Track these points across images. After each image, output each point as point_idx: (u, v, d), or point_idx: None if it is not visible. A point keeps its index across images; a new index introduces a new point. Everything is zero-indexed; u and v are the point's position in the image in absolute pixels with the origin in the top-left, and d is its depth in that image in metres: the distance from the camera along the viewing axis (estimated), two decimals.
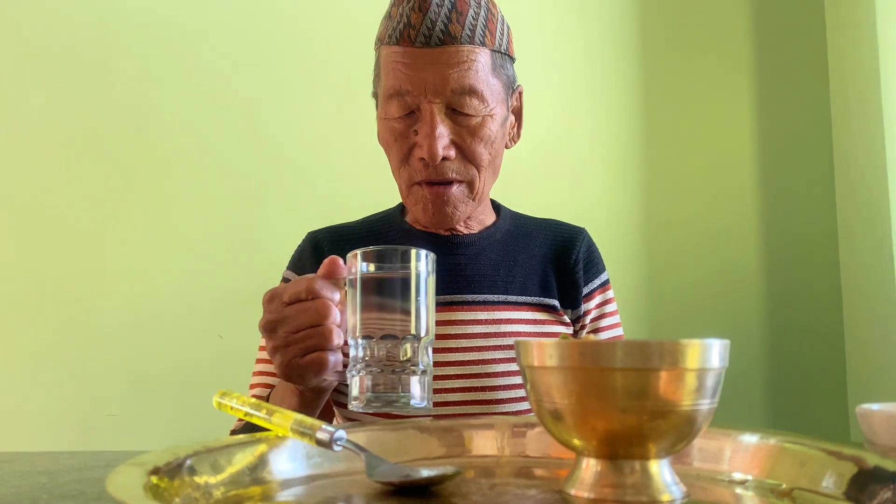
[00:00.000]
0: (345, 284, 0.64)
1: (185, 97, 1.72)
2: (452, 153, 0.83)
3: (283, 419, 0.53)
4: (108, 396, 1.63)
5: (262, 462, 0.51)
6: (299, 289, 0.64)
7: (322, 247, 0.94)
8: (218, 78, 1.73)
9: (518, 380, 0.89)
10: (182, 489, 0.44)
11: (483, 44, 0.82)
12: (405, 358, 0.60)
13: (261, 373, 0.92)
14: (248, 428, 0.72)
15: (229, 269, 1.68)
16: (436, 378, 0.86)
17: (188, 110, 1.72)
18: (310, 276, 0.66)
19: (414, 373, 0.60)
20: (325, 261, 0.65)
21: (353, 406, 0.61)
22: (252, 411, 0.56)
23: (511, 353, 0.89)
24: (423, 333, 0.61)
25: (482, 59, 0.82)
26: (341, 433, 0.50)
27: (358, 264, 0.61)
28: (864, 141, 1.68)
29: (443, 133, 0.81)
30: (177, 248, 1.68)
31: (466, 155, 0.84)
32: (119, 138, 1.70)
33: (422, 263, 0.61)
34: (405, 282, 0.60)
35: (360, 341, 0.60)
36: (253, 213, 1.71)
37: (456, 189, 0.85)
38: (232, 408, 0.58)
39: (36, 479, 0.57)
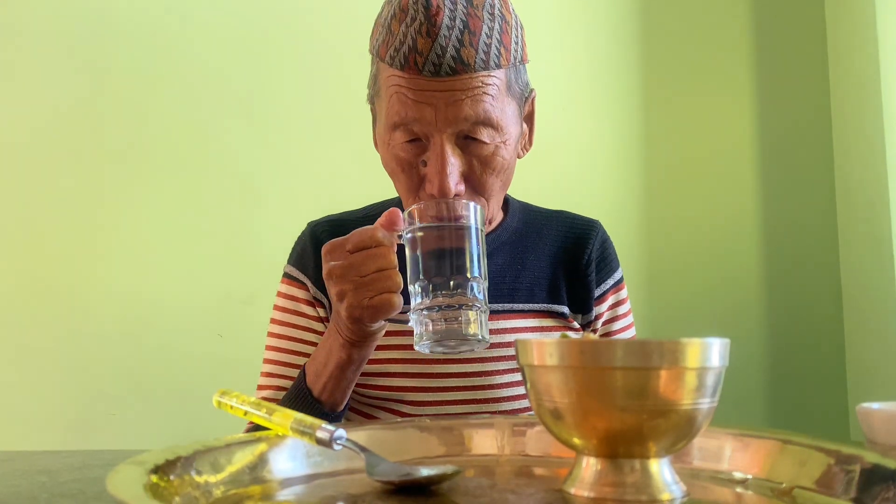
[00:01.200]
0: (399, 237, 0.70)
1: (183, 96, 1.72)
2: (462, 188, 0.78)
3: (283, 418, 0.53)
4: (108, 395, 1.63)
5: (262, 461, 0.51)
6: (363, 237, 0.69)
7: (322, 239, 0.90)
8: (215, 76, 1.73)
9: (521, 390, 0.87)
10: (182, 488, 0.44)
11: (498, 66, 0.76)
12: (471, 296, 0.67)
13: (270, 374, 0.90)
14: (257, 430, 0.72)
15: (229, 268, 1.68)
16: (437, 389, 0.86)
17: (186, 109, 1.72)
18: (370, 227, 0.70)
19: (482, 310, 0.68)
20: (385, 212, 0.70)
21: (422, 346, 0.67)
22: (252, 410, 0.56)
23: (514, 364, 0.87)
24: (484, 275, 0.69)
25: (497, 82, 0.76)
26: (341, 432, 0.50)
27: (417, 217, 0.68)
28: (864, 141, 1.67)
29: (454, 168, 0.76)
30: (176, 247, 1.68)
31: (476, 188, 0.80)
32: (117, 137, 1.70)
33: (472, 214, 0.68)
34: (464, 230, 0.68)
35: (428, 285, 0.67)
36: (252, 212, 1.71)
37: None
38: (232, 407, 0.58)
39: (36, 478, 0.57)
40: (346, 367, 0.77)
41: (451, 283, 0.67)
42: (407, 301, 0.70)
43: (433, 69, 0.73)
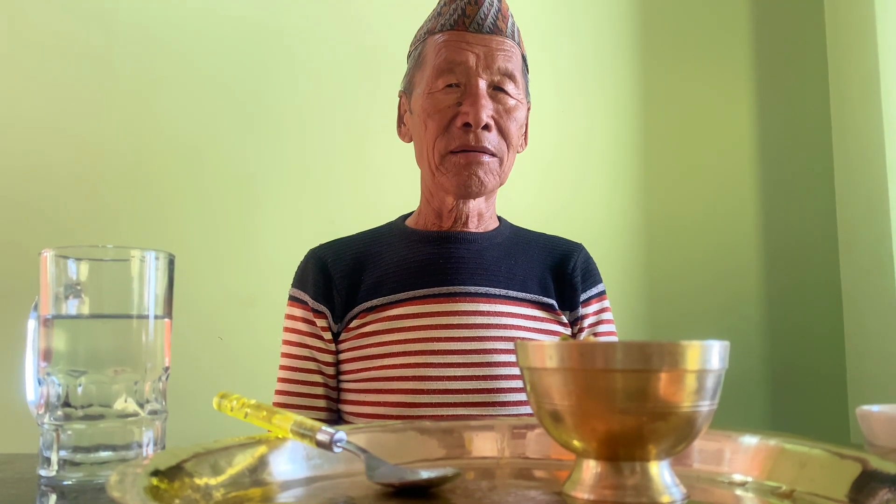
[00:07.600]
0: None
1: (186, 99, 1.72)
2: (492, 122, 0.92)
3: (283, 420, 0.53)
4: None
5: (262, 463, 0.51)
6: None
7: (325, 260, 0.98)
8: (218, 79, 1.73)
9: (517, 370, 0.90)
10: (182, 490, 0.44)
11: (518, 44, 0.96)
12: None
13: (281, 392, 0.98)
14: None
15: (229, 270, 1.68)
16: (439, 366, 0.89)
17: (188, 111, 1.72)
18: None
19: None
20: None
21: None
22: (252, 413, 0.56)
23: (512, 345, 0.90)
24: None
25: (518, 56, 0.95)
26: (341, 434, 0.50)
27: None
28: (864, 141, 1.67)
29: (487, 103, 0.91)
30: (176, 248, 1.67)
31: (502, 131, 0.93)
32: (118, 138, 1.70)
33: None
34: None
35: None
36: (253, 215, 1.71)
37: (489, 159, 0.92)
38: (232, 409, 0.58)
39: (36, 481, 0.57)
40: None
41: None
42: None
43: (477, 27, 0.92)
